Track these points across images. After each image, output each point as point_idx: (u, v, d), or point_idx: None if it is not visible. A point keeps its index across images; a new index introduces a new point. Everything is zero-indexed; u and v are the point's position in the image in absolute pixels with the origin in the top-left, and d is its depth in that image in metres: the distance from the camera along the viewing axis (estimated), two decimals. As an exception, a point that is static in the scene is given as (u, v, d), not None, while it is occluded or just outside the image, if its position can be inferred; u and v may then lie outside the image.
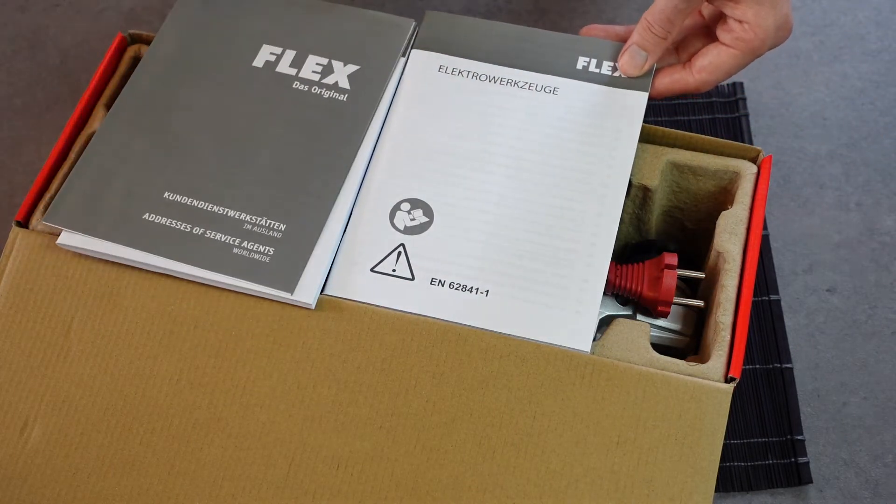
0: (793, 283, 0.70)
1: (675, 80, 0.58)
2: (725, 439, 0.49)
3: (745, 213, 0.56)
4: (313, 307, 0.51)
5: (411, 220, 0.54)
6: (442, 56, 0.59)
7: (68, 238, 0.53)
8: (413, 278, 0.52)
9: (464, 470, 0.49)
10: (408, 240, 0.53)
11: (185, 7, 0.62)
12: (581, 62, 0.59)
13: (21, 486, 0.50)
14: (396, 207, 0.54)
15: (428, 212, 0.54)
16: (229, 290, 0.52)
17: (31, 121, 0.76)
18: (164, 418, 0.50)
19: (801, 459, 0.64)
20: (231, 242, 0.53)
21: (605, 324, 0.56)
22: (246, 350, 0.51)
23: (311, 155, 0.56)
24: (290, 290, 0.52)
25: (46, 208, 0.55)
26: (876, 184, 0.74)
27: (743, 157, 0.58)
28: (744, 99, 0.77)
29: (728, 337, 0.51)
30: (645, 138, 0.58)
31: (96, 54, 0.79)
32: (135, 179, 0.55)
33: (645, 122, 0.57)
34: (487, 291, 0.52)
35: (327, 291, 0.52)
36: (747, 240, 0.55)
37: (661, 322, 0.57)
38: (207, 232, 0.54)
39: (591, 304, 0.51)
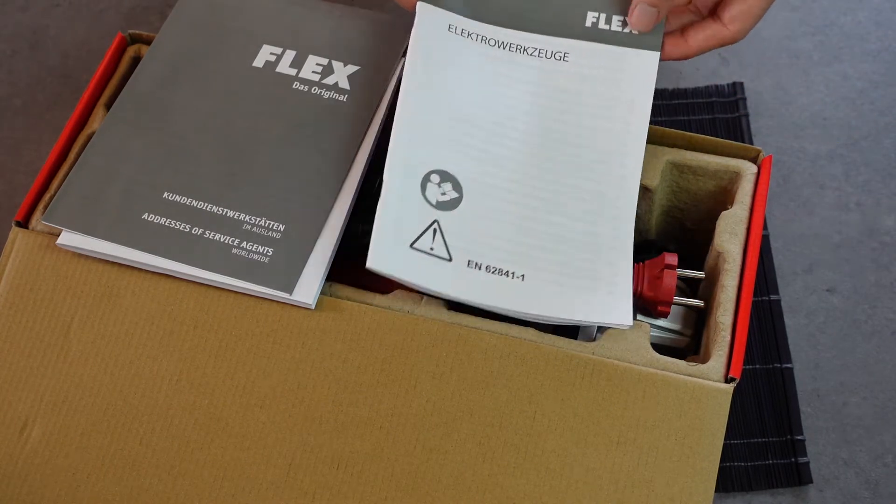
0: (793, 283, 0.70)
1: (709, 35, 0.56)
2: (725, 439, 0.49)
3: (745, 213, 0.56)
4: (313, 307, 0.51)
5: (442, 194, 0.53)
6: (449, 14, 0.57)
7: (68, 238, 0.53)
8: (451, 259, 0.51)
9: (464, 470, 0.49)
10: (441, 216, 0.52)
11: (185, 7, 0.62)
12: (590, 18, 0.57)
13: (21, 486, 0.50)
14: (427, 179, 0.53)
15: (457, 187, 0.53)
16: (229, 291, 0.52)
17: (31, 121, 0.76)
18: (164, 418, 0.50)
19: (801, 459, 0.64)
20: (230, 243, 0.53)
21: (605, 324, 0.56)
22: (246, 350, 0.51)
23: (311, 155, 0.56)
24: (289, 290, 0.52)
25: (46, 208, 0.55)
26: (876, 184, 0.74)
27: (743, 157, 0.58)
28: (744, 99, 0.77)
29: (728, 337, 0.51)
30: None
31: (96, 54, 0.79)
32: (134, 179, 0.55)
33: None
34: (523, 276, 0.52)
35: (371, 265, 0.50)
36: (747, 240, 0.55)
37: (661, 322, 0.57)
38: (206, 232, 0.54)
39: (623, 283, 0.52)
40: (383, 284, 0.56)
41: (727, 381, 0.50)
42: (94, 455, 0.50)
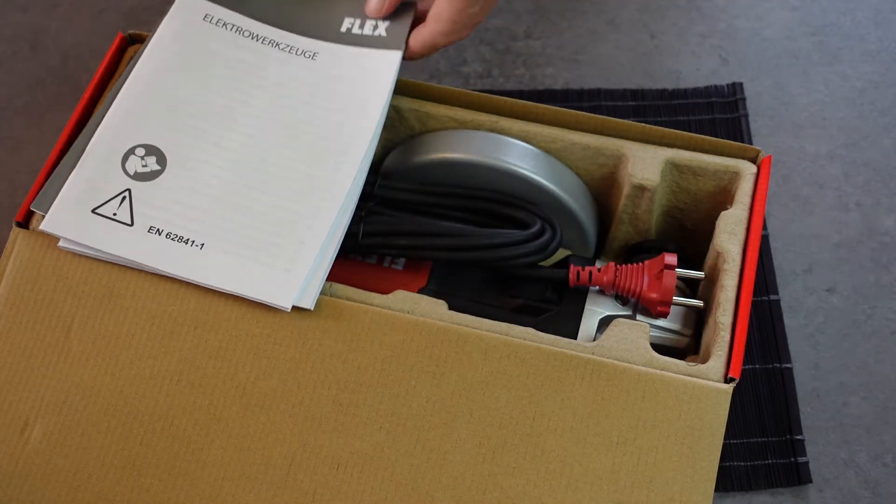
0: (793, 283, 0.70)
1: (416, 37, 0.59)
2: (725, 439, 0.49)
3: (745, 213, 0.56)
4: (313, 308, 0.51)
5: (143, 166, 0.54)
6: (209, 4, 0.59)
7: (69, 240, 0.53)
8: (132, 224, 0.52)
9: (464, 470, 0.49)
10: (135, 185, 0.53)
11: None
12: (346, 24, 0.60)
13: (22, 486, 0.50)
14: (130, 152, 0.54)
15: (161, 160, 0.54)
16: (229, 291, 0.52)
17: (31, 121, 0.76)
18: (165, 419, 0.51)
19: (801, 459, 0.64)
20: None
21: (605, 324, 0.56)
22: (246, 350, 0.51)
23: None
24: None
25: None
26: (876, 184, 0.74)
27: (742, 157, 0.58)
28: (743, 99, 0.77)
29: (728, 337, 0.51)
30: (645, 138, 0.58)
31: (96, 54, 0.79)
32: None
33: (645, 122, 0.57)
34: (203, 245, 0.52)
35: (44, 227, 0.52)
36: (747, 240, 0.55)
37: (661, 322, 0.57)
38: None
39: (303, 264, 0.52)
40: (383, 284, 0.56)
41: (727, 381, 0.50)
42: (95, 455, 0.50)
